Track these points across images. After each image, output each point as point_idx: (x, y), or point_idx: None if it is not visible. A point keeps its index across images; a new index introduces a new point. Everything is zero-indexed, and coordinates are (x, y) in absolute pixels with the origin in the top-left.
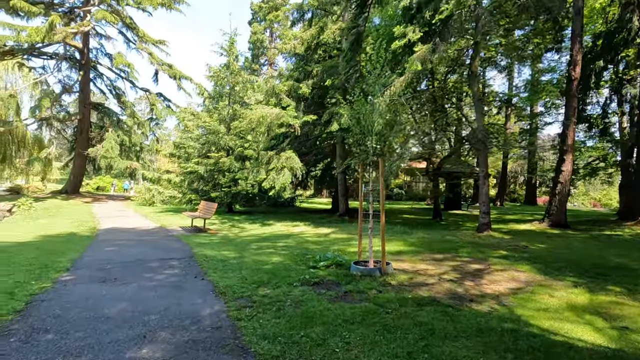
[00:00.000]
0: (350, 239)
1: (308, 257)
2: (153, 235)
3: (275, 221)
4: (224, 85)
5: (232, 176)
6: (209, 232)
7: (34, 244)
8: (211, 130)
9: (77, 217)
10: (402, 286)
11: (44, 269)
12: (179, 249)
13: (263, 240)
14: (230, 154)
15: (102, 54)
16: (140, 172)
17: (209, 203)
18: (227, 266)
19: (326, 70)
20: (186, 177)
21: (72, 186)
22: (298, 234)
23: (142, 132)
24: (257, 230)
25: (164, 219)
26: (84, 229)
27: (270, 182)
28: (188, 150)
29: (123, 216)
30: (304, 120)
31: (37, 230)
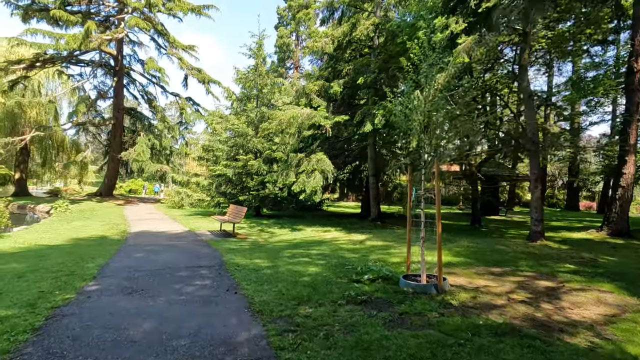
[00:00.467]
0: (387, 247)
1: (348, 267)
2: (182, 240)
3: (305, 226)
4: (252, 87)
5: (261, 179)
6: (238, 237)
7: (65, 247)
8: (239, 132)
9: (109, 219)
10: (466, 308)
11: (70, 276)
12: (208, 255)
13: (295, 247)
14: (259, 156)
15: (135, 60)
16: (170, 175)
17: (238, 207)
18: (261, 277)
19: (357, 68)
20: (214, 180)
21: (106, 189)
22: (331, 240)
23: (172, 136)
24: (288, 235)
25: (192, 222)
26: (114, 232)
27: (300, 185)
28: (216, 153)
29: (153, 219)
30: (335, 120)
31: (70, 233)
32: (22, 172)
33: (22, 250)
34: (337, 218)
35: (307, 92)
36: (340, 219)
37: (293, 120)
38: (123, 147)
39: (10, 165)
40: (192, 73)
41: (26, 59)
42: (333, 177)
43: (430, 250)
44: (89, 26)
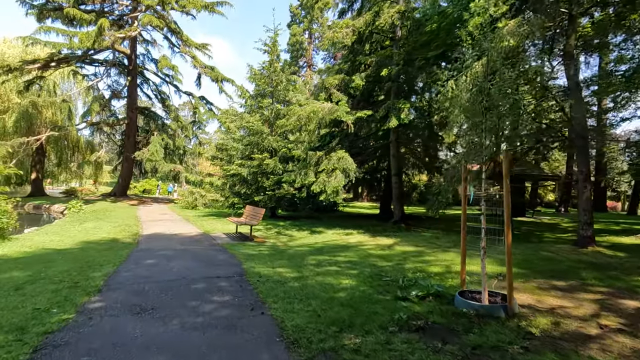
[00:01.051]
0: (420, 253)
1: (387, 280)
2: (197, 244)
3: (324, 228)
4: (267, 83)
5: (277, 179)
6: (255, 241)
7: (73, 252)
8: (254, 130)
9: (122, 220)
10: (553, 339)
11: (72, 288)
12: (226, 262)
13: (318, 252)
14: (274, 155)
15: (149, 59)
16: (184, 175)
17: (255, 208)
18: (289, 291)
19: (380, 61)
20: (228, 180)
21: (120, 189)
22: (356, 245)
23: (186, 135)
24: (308, 239)
25: (207, 224)
26: (126, 235)
27: (320, 185)
28: (230, 152)
29: (166, 220)
30: (357, 116)
31: (81, 236)
32: (38, 172)
33: (27, 256)
34: (356, 219)
35: (326, 86)
36: (359, 220)
37: (313, 116)
38: (137, 147)
39: (26, 166)
40: (205, 71)
41: (41, 59)
42: (355, 177)
43: (471, 259)
44: (101, 23)
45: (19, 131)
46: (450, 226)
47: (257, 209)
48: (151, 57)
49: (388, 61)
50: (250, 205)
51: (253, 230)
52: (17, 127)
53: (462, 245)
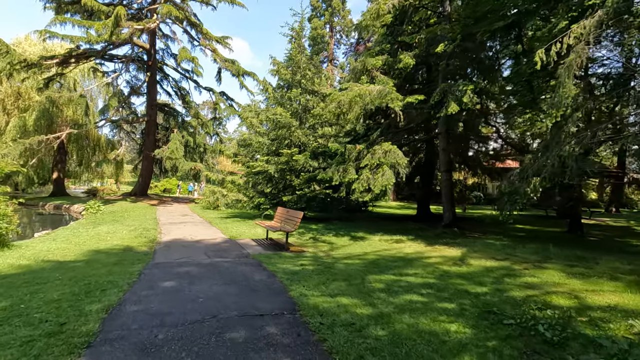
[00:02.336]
0: (509, 270)
1: (511, 324)
2: (224, 255)
3: (365, 233)
4: (294, 71)
5: (308, 176)
6: (291, 250)
7: (75, 267)
8: (282, 123)
9: (140, 223)
10: None
11: (53, 337)
12: (266, 285)
13: (377, 268)
14: (304, 150)
15: (168, 54)
16: (204, 174)
17: (289, 211)
18: (379, 351)
19: (430, 38)
20: (252, 179)
21: (141, 188)
22: (417, 257)
23: (206, 132)
24: (352, 247)
25: (231, 227)
26: (142, 242)
27: (363, 183)
28: (255, 148)
29: (187, 222)
30: (406, 102)
31: (91, 242)
32: (60, 171)
33: (19, 272)
34: (393, 222)
35: (368, 68)
36: (397, 223)
37: (358, 100)
38: (157, 145)
39: (47, 165)
40: (226, 65)
41: (59, 54)
42: (405, 173)
43: (600, 280)
44: (118, 11)
45: (40, 130)
46: (504, 230)
47: (292, 212)
48: (170, 52)
49: (440, 38)
50: (282, 207)
51: (283, 235)
52: (38, 125)
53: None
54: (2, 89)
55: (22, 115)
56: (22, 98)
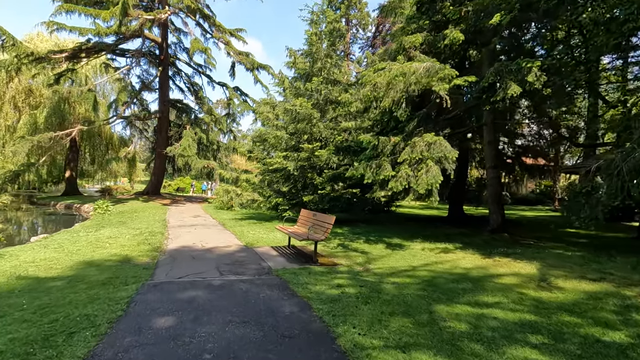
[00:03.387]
0: (624, 298)
1: None
2: (240, 271)
3: (401, 239)
4: (315, 59)
5: (331, 174)
6: (321, 263)
7: (52, 288)
8: (302, 116)
9: (147, 225)
10: None
11: None
12: (302, 327)
13: (439, 291)
14: (325, 145)
15: (180, 49)
16: (217, 172)
17: (318, 214)
18: None
19: (479, 10)
20: (269, 177)
21: (153, 187)
22: (482, 274)
23: (220, 129)
24: (392, 258)
25: (247, 231)
26: (144, 250)
27: (402, 181)
28: (272, 143)
29: (199, 225)
30: (455, 84)
31: (85, 251)
32: (72, 170)
33: None
34: (424, 224)
35: (406, 46)
36: (430, 225)
37: (400, 81)
38: (169, 143)
39: (60, 163)
40: (239, 58)
41: (68, 48)
42: (452, 169)
43: None
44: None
45: (51, 127)
46: (557, 236)
47: (320, 215)
48: (183, 46)
49: (492, 9)
50: (306, 210)
51: (307, 243)
52: (49, 122)
53: None
54: (13, 85)
55: (32, 112)
56: (33, 95)
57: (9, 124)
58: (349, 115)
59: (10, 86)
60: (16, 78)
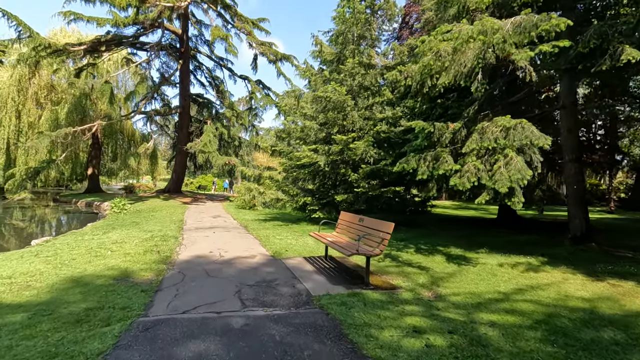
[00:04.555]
0: None
1: None
2: (269, 300)
3: (460, 248)
4: (348, 41)
5: (368, 169)
6: (374, 286)
7: (3, 326)
8: (334, 104)
9: (160, 227)
10: None
11: None
12: None
13: (573, 344)
14: (360, 137)
15: (201, 41)
16: (239, 169)
17: (369, 220)
18: None
19: None
20: (295, 173)
21: (174, 185)
22: (619, 309)
23: (241, 124)
24: (465, 278)
25: (273, 235)
26: (149, 262)
27: (471, 177)
28: (298, 135)
29: (218, 227)
30: (540, 50)
31: (81, 260)
32: (95, 167)
33: None
34: (473, 227)
35: (471, 7)
36: (482, 229)
37: (473, 46)
38: (190, 139)
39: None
40: (262, 49)
41: (87, 41)
42: (540, 160)
43: None
44: None
45: (72, 123)
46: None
47: (372, 221)
48: (204, 38)
49: None
50: (348, 213)
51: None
52: (71, 118)
53: None
54: (36, 81)
55: (54, 108)
56: (55, 91)
57: (31, 120)
58: (386, 103)
59: (33, 82)
60: (37, 73)
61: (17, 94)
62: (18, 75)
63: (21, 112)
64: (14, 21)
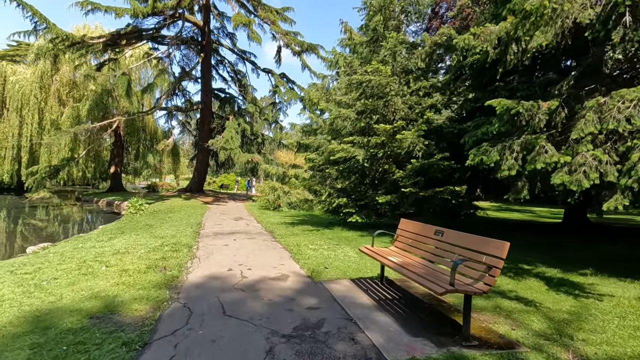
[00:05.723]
0: None
1: None
2: (315, 353)
3: (555, 268)
4: (388, 17)
5: (418, 165)
6: (478, 340)
7: None
8: (375, 88)
9: (175, 232)
10: None
11: None
12: None
13: None
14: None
15: (223, 34)
16: (262, 167)
17: (459, 235)
18: None
19: None
20: (328, 170)
21: (196, 184)
22: None
23: (265, 119)
24: (600, 320)
25: (305, 244)
26: (150, 284)
27: (591, 173)
28: (332, 126)
29: (240, 232)
30: None
31: (63, 283)
32: (117, 166)
33: None
34: (542, 236)
35: None
36: (552, 238)
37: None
38: (212, 136)
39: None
40: (287, 39)
41: (106, 34)
42: None
43: None
44: None
45: (94, 120)
46: None
47: (464, 237)
48: (226, 31)
49: None
50: (415, 222)
51: (392, 273)
52: (92, 115)
53: None
54: (57, 78)
55: (75, 105)
56: (77, 88)
57: (54, 117)
58: (432, 88)
59: (55, 79)
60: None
61: (39, 91)
62: (40, 72)
63: (44, 110)
64: (29, 11)
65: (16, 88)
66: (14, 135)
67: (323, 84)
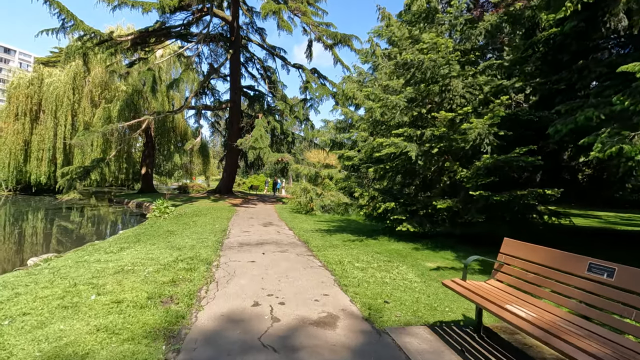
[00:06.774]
0: None
1: None
2: None
3: None
4: None
5: (492, 161)
6: None
7: None
8: (425, 72)
9: (196, 242)
10: None
11: None
12: None
13: None
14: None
15: (253, 30)
16: (293, 167)
17: None
18: None
19: None
20: (373, 168)
21: (225, 185)
22: None
23: (295, 116)
24: None
25: (349, 262)
26: (145, 330)
27: None
28: (380, 114)
29: (270, 243)
30: None
31: (35, 318)
32: (148, 167)
33: None
34: (628, 251)
35: None
36: None
37: None
38: (241, 135)
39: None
40: (318, 32)
41: (134, 31)
42: None
43: None
44: None
45: (124, 121)
46: None
47: None
48: (256, 26)
49: None
50: (521, 243)
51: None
52: (122, 116)
53: None
54: (90, 79)
55: (106, 106)
56: (108, 89)
57: (86, 119)
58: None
59: (87, 80)
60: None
61: (72, 92)
62: (73, 73)
63: (77, 111)
64: (56, 8)
65: (50, 90)
66: (49, 137)
67: (358, 78)
